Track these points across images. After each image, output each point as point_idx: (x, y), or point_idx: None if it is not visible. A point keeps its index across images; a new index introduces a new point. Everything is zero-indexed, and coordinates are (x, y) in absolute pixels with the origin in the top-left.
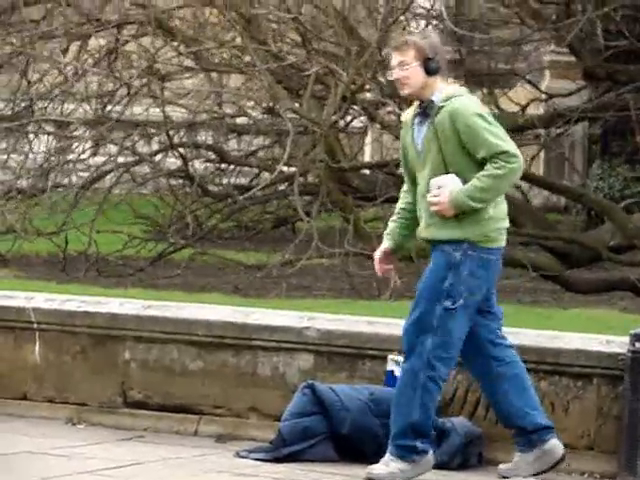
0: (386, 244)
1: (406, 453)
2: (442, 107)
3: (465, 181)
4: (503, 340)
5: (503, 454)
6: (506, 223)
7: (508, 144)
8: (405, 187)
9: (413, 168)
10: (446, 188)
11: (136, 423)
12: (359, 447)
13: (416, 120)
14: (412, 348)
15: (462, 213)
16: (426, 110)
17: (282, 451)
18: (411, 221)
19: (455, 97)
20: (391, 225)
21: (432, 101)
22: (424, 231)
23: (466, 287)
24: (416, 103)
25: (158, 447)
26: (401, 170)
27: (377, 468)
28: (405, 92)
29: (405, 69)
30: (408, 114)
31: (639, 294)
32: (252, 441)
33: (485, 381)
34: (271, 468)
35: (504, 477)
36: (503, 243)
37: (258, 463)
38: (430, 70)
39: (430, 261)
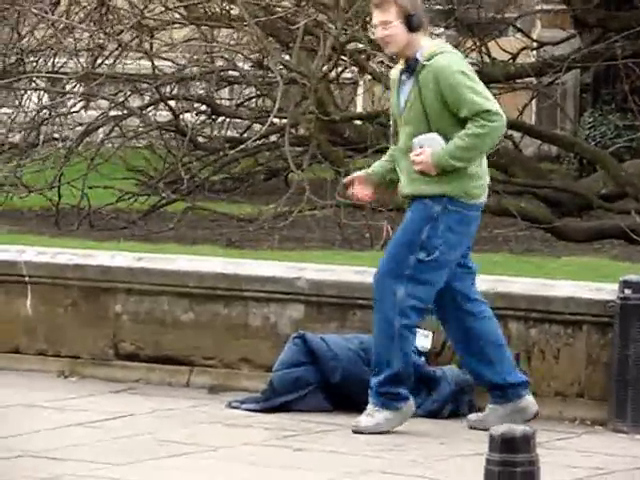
0: (368, 170)
1: (389, 402)
2: (425, 65)
3: (448, 139)
4: (478, 295)
5: None
6: (487, 179)
7: (491, 102)
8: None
9: (395, 123)
10: (428, 147)
11: (128, 375)
12: (350, 396)
13: (403, 77)
14: (383, 297)
15: (444, 171)
16: (410, 68)
17: (273, 401)
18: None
19: (438, 54)
20: (378, 162)
21: (416, 59)
22: (407, 187)
23: (444, 241)
24: (402, 60)
25: (150, 399)
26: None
27: (363, 420)
28: (390, 50)
29: (388, 27)
30: (395, 71)
31: (630, 241)
32: (244, 392)
33: (459, 336)
34: (262, 418)
35: (472, 428)
36: (484, 199)
37: (249, 413)
38: (412, 26)
39: (408, 211)
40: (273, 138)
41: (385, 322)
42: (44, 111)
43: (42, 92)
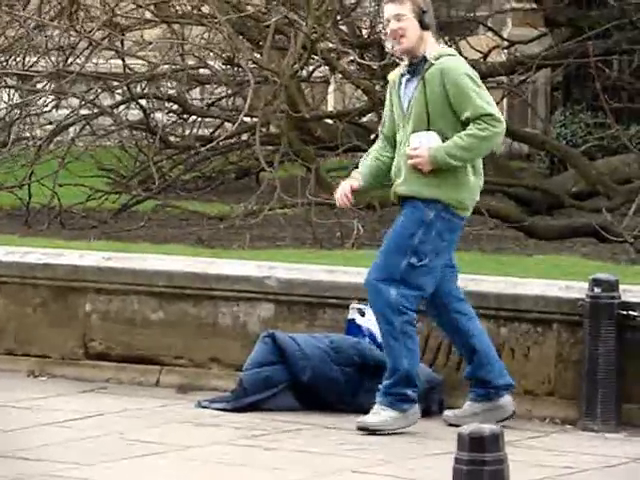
0: (355, 183)
1: (396, 402)
2: (433, 64)
3: (446, 140)
4: (462, 295)
5: (464, 401)
6: (477, 196)
7: (493, 108)
8: (380, 143)
9: (397, 126)
10: (426, 143)
11: (98, 375)
12: (320, 395)
13: (404, 78)
14: (378, 300)
15: (438, 171)
16: (416, 67)
17: (243, 401)
18: (382, 173)
19: (446, 56)
20: (364, 168)
21: (424, 57)
22: (402, 186)
23: (433, 247)
24: (403, 63)
25: (120, 398)
26: (380, 129)
27: (369, 417)
28: (402, 45)
29: (402, 20)
30: (394, 73)
31: (601, 240)
32: (214, 391)
33: (457, 335)
34: (232, 418)
35: (450, 424)
36: (469, 213)
37: (219, 413)
38: (424, 24)
39: (401, 214)
40: (244, 137)
41: (386, 323)
42: (15, 110)
43: (13, 91)
